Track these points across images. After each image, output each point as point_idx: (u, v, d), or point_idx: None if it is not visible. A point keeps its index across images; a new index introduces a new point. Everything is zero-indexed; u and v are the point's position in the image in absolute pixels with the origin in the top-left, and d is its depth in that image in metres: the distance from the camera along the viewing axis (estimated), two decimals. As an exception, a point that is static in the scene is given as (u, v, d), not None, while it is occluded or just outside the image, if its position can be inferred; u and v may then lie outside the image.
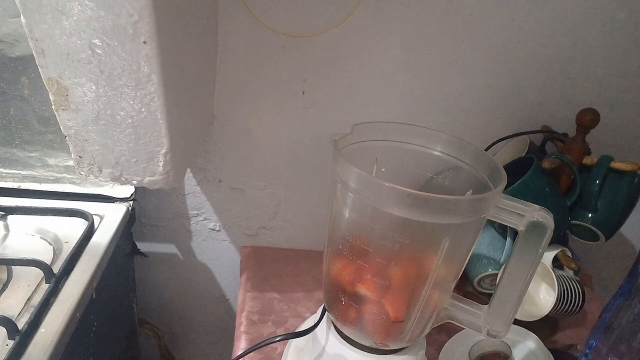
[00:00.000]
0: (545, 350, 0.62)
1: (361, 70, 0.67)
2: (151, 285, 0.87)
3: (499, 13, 0.64)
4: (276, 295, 0.72)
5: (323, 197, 0.78)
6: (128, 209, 0.68)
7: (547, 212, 0.40)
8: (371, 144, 0.50)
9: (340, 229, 0.46)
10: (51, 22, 0.39)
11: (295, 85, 0.68)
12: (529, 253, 0.42)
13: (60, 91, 0.43)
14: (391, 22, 0.64)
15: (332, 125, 0.71)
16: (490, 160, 0.45)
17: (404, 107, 0.71)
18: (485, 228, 0.70)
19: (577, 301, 0.66)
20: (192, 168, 0.75)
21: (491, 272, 0.67)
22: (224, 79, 0.66)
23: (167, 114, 0.45)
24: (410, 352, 0.50)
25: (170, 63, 0.44)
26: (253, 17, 0.61)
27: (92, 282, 0.54)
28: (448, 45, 0.66)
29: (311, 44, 0.64)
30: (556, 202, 0.64)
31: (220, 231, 0.82)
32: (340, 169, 0.42)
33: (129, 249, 0.76)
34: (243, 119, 0.70)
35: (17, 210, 0.63)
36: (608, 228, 0.66)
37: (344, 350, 0.49)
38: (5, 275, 0.54)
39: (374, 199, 0.40)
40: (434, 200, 0.38)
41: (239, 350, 0.62)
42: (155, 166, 0.49)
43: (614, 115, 0.74)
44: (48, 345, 0.44)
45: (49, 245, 0.60)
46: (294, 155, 0.74)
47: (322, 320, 0.53)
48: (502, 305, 0.45)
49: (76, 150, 0.47)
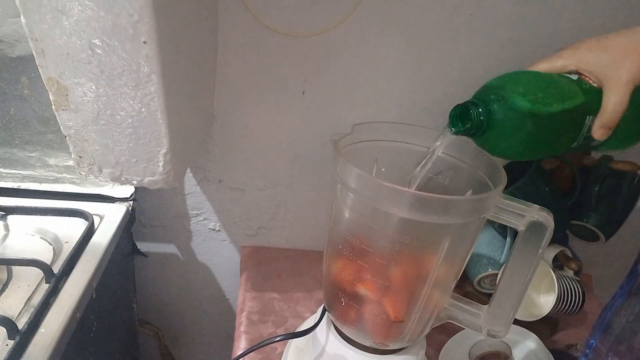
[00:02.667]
0: (545, 350, 0.62)
1: (361, 70, 0.67)
2: (151, 285, 0.87)
3: (499, 13, 0.64)
4: (276, 295, 0.72)
5: (323, 197, 0.78)
6: (128, 209, 0.68)
7: (547, 212, 0.40)
8: (371, 144, 0.50)
9: (340, 229, 0.46)
10: (51, 22, 0.39)
11: (295, 85, 0.68)
12: (529, 253, 0.42)
13: (60, 91, 0.43)
14: (391, 22, 0.64)
15: (332, 125, 0.71)
16: (490, 160, 0.45)
17: (404, 107, 0.71)
18: (485, 228, 0.70)
19: (577, 301, 0.66)
20: (192, 168, 0.75)
21: (491, 272, 0.68)
22: (224, 79, 0.66)
23: (167, 114, 0.45)
24: (410, 352, 0.50)
25: (170, 63, 0.44)
26: (253, 17, 0.61)
27: (92, 282, 0.54)
28: (448, 45, 0.66)
29: (311, 44, 0.64)
30: (556, 202, 0.64)
31: (220, 231, 0.82)
32: (340, 169, 0.42)
33: (129, 249, 0.76)
34: (243, 119, 0.70)
35: (17, 210, 0.63)
36: (608, 228, 0.66)
37: (344, 350, 0.49)
38: (5, 275, 0.54)
39: (374, 199, 0.40)
40: (434, 200, 0.38)
41: (239, 350, 0.62)
42: (155, 166, 0.49)
43: (614, 115, 0.74)
44: (48, 345, 0.44)
45: (49, 245, 0.60)
46: (294, 155, 0.74)
47: (322, 320, 0.53)
48: (502, 305, 0.45)
49: (76, 150, 0.47)
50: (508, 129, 0.41)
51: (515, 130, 0.41)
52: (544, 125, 0.41)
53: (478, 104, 0.41)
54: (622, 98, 0.42)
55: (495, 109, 0.41)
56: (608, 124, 0.43)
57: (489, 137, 0.42)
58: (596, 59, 0.43)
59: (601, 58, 0.42)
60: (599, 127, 0.43)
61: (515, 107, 0.40)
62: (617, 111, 0.42)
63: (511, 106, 0.40)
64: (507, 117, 0.40)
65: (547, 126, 0.41)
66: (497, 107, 0.41)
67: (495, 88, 0.42)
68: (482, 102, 0.41)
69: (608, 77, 0.42)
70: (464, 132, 0.42)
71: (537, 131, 0.41)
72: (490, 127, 0.41)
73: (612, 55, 0.42)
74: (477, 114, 0.41)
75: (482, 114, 0.41)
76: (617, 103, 0.42)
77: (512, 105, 0.40)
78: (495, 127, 0.41)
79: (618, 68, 0.41)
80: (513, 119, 0.40)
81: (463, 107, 0.42)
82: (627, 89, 0.42)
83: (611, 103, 0.42)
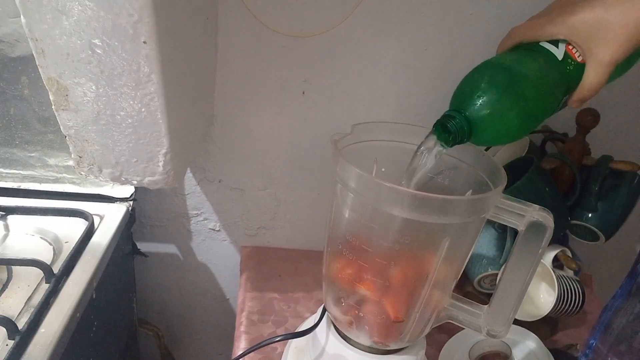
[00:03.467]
0: (545, 350, 0.62)
1: (361, 70, 0.67)
2: (151, 285, 0.87)
3: (499, 13, 0.64)
4: (276, 295, 0.72)
5: (323, 197, 0.78)
6: (128, 209, 0.68)
7: (547, 212, 0.40)
8: (371, 144, 0.50)
9: (340, 229, 0.46)
10: (51, 22, 0.39)
11: (295, 85, 0.68)
12: (529, 253, 0.42)
13: (60, 91, 0.43)
14: (391, 22, 0.64)
15: (332, 125, 0.71)
16: (490, 160, 0.45)
17: (404, 107, 0.71)
18: (485, 228, 0.70)
19: (577, 301, 0.66)
20: (192, 168, 0.75)
21: (491, 272, 0.67)
22: (224, 79, 0.66)
23: (167, 114, 0.45)
24: (410, 352, 0.50)
25: (170, 63, 0.44)
26: (253, 17, 0.61)
27: (92, 282, 0.54)
28: (448, 45, 0.66)
29: (311, 44, 0.64)
30: (556, 202, 0.64)
31: (220, 231, 0.82)
32: (340, 169, 0.42)
33: (129, 249, 0.76)
34: (243, 119, 0.70)
35: (17, 210, 0.63)
36: (608, 228, 0.66)
37: (344, 350, 0.49)
38: (5, 275, 0.54)
39: (374, 199, 0.40)
40: (434, 200, 0.38)
41: (239, 350, 0.62)
42: (155, 166, 0.49)
43: (614, 115, 0.74)
44: (48, 345, 0.44)
45: (49, 245, 0.60)
46: (294, 155, 0.74)
47: (322, 320, 0.53)
48: (502, 305, 0.45)
49: (76, 150, 0.47)
50: (490, 127, 0.41)
51: (498, 125, 0.41)
52: (522, 117, 0.41)
53: (454, 115, 0.41)
54: (602, 78, 0.42)
55: (472, 115, 0.41)
56: (584, 99, 0.44)
57: (478, 138, 0.42)
58: (588, 34, 0.42)
59: (593, 34, 0.42)
60: (575, 100, 0.45)
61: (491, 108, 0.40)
62: (595, 90, 0.43)
63: (486, 108, 0.40)
64: (486, 118, 0.41)
65: (525, 116, 0.41)
66: (473, 112, 0.41)
67: (468, 90, 0.42)
68: (457, 112, 0.41)
69: (594, 54, 0.42)
70: (454, 143, 0.42)
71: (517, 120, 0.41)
72: (475, 130, 0.41)
73: (604, 34, 0.41)
74: (457, 125, 0.41)
75: (462, 124, 0.41)
76: (596, 83, 0.43)
77: (487, 106, 0.40)
78: (480, 129, 0.41)
79: (607, 47, 0.41)
80: (493, 118, 0.41)
81: (441, 124, 0.42)
82: (608, 69, 0.42)
83: (590, 82, 0.43)
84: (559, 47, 0.44)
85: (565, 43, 0.43)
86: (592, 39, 0.42)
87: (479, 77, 0.43)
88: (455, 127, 0.41)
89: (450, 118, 0.41)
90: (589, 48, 0.42)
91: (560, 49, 0.44)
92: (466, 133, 0.41)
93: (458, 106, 0.42)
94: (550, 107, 0.44)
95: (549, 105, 0.43)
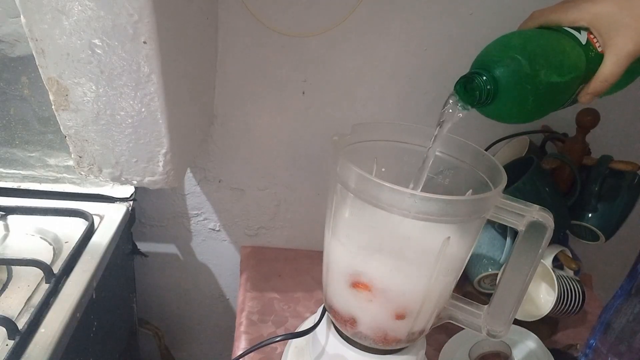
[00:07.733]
0: (545, 350, 0.62)
1: (361, 70, 0.67)
2: (151, 285, 0.87)
3: (499, 13, 0.64)
4: (276, 295, 0.72)
5: (323, 197, 0.78)
6: (128, 209, 0.68)
7: (547, 212, 0.40)
8: (371, 144, 0.50)
9: (340, 229, 0.46)
10: (51, 22, 0.39)
11: (295, 85, 0.68)
12: (529, 253, 0.42)
13: (60, 91, 0.43)
14: (391, 22, 0.64)
15: (332, 125, 0.71)
16: (490, 160, 0.45)
17: (404, 107, 0.71)
18: (485, 228, 0.70)
19: (577, 301, 0.66)
20: (192, 168, 0.75)
21: (491, 272, 0.68)
22: (224, 79, 0.66)
23: (167, 114, 0.45)
24: (410, 352, 0.50)
25: (170, 63, 0.44)
26: (253, 17, 0.61)
27: (92, 282, 0.54)
28: (448, 45, 0.66)
29: (311, 44, 0.64)
30: (556, 202, 0.64)
31: (220, 231, 0.82)
32: (340, 169, 0.42)
33: (129, 249, 0.76)
34: (243, 119, 0.70)
35: (17, 210, 0.63)
36: (608, 228, 0.66)
37: (344, 350, 0.49)
38: (5, 275, 0.54)
39: (374, 199, 0.40)
40: (434, 200, 0.38)
41: (239, 350, 0.62)
42: (155, 166, 0.49)
43: (614, 115, 0.74)
44: (48, 345, 0.44)
45: (49, 245, 0.60)
46: (294, 155, 0.74)
47: (322, 320, 0.53)
48: (502, 305, 0.45)
49: (76, 150, 0.47)
50: (512, 94, 0.40)
51: (519, 94, 0.40)
52: (543, 91, 0.40)
53: (481, 73, 0.40)
54: (619, 69, 0.41)
55: (499, 75, 0.40)
56: (596, 92, 0.43)
57: (496, 105, 0.41)
58: (610, 24, 0.41)
59: (615, 24, 0.41)
60: (587, 92, 0.43)
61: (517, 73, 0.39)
62: (610, 82, 0.42)
63: (513, 71, 0.39)
64: (511, 82, 0.40)
65: (546, 91, 0.41)
66: (501, 73, 0.40)
67: (497, 52, 0.41)
68: (485, 70, 0.40)
69: (614, 44, 0.41)
70: (472, 103, 0.41)
71: (536, 95, 0.40)
72: (497, 93, 0.40)
73: (627, 24, 0.40)
74: (484, 83, 0.40)
75: (488, 82, 0.40)
76: (611, 74, 0.42)
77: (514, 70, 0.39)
78: (502, 92, 0.40)
79: (628, 39, 0.40)
80: (517, 84, 0.40)
81: (467, 78, 0.41)
82: (626, 61, 0.41)
83: (605, 73, 0.42)
84: (582, 33, 0.43)
85: (587, 32, 0.43)
86: (614, 28, 0.41)
87: (512, 42, 0.41)
88: (481, 84, 0.39)
89: (476, 75, 0.40)
90: (610, 37, 0.41)
91: (583, 36, 0.43)
92: (491, 93, 0.40)
93: (486, 65, 0.41)
94: (571, 88, 0.43)
95: (570, 87, 0.42)
